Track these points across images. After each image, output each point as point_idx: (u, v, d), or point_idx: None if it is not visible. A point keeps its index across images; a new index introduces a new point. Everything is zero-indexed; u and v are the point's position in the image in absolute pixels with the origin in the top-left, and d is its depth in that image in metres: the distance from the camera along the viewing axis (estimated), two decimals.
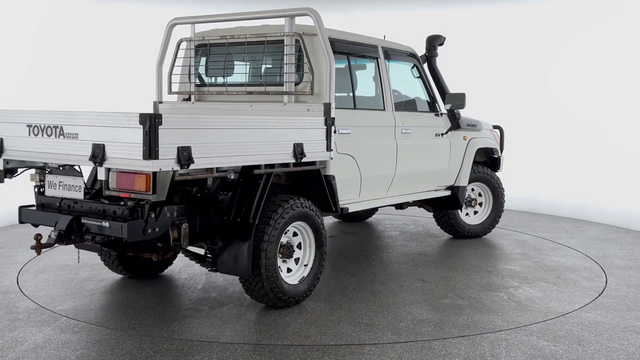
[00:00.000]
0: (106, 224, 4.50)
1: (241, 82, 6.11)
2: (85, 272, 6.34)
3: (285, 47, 5.64)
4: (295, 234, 5.46)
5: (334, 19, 10.69)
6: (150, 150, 4.05)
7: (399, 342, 4.61)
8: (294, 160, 5.19)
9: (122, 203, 4.54)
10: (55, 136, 4.52)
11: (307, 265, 5.52)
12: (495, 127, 8.52)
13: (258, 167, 5.01)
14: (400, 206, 7.50)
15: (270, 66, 6.00)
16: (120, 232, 4.43)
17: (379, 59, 6.44)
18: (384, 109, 6.44)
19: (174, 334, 4.73)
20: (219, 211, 5.09)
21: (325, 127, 5.45)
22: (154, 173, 4.19)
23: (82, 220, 4.64)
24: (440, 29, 8.43)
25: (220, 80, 6.31)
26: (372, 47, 6.40)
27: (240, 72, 6.20)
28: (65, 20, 9.46)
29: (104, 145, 4.26)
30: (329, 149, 5.50)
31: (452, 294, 5.76)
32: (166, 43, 6.35)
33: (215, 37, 6.16)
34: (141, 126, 4.04)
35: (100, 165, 4.30)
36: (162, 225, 4.62)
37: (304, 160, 5.27)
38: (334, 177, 5.71)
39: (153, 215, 4.53)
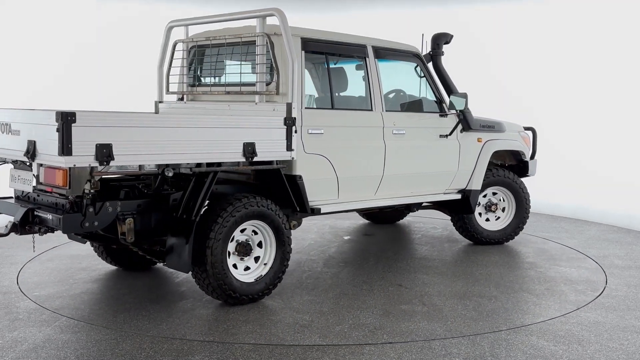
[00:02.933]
0: (49, 216, 4.77)
1: (222, 82, 6.24)
2: (87, 262, 6.70)
3: (256, 47, 5.70)
4: (255, 232, 5.51)
5: (356, 17, 10.84)
6: (64, 146, 4.25)
7: (399, 342, 4.60)
8: (243, 160, 5.24)
9: (69, 197, 4.78)
10: (6, 133, 4.85)
11: (266, 264, 5.54)
12: (527, 128, 8.09)
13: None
14: (408, 208, 7.34)
15: (245, 66, 6.08)
16: (58, 225, 4.68)
17: (367, 59, 6.32)
18: (372, 110, 6.32)
19: (110, 324, 4.92)
20: (172, 208, 5.24)
21: (286, 126, 5.46)
22: (70, 168, 4.39)
23: (36, 212, 4.94)
24: (460, 26, 8.21)
25: (207, 80, 6.47)
26: (359, 47, 6.28)
27: (224, 72, 6.32)
28: (69, 21, 9.90)
29: (35, 142, 4.53)
30: (289, 148, 5.49)
31: (417, 300, 5.57)
32: (165, 44, 6.61)
33: (201, 38, 6.33)
34: (56, 124, 4.26)
35: (33, 160, 4.57)
36: (102, 219, 4.83)
37: (256, 159, 5.30)
38: (301, 177, 5.70)
39: (92, 210, 4.75)
